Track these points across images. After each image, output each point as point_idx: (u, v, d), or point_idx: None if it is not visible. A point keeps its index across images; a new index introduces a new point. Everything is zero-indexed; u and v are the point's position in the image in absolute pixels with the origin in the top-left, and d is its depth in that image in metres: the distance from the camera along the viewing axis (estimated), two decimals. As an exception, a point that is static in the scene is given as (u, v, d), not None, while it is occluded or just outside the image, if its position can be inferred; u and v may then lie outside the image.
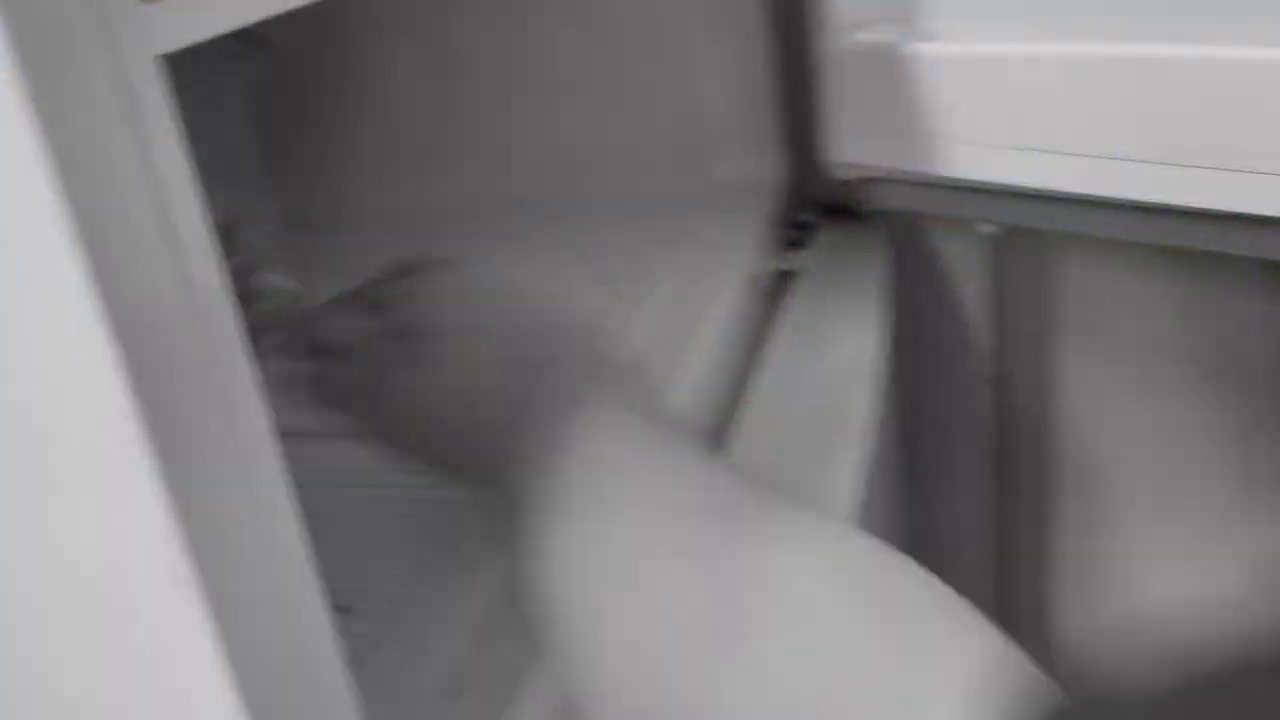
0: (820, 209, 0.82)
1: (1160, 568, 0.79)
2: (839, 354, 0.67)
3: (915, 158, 0.70)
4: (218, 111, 0.68)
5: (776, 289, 0.75)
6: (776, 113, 0.82)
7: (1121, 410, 0.77)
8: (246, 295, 0.69)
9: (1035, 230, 0.72)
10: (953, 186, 0.70)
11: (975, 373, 0.82)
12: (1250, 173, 0.57)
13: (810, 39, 0.77)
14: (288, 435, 0.25)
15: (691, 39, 0.80)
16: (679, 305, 0.67)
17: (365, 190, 0.92)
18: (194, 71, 0.68)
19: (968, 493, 0.86)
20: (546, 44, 0.83)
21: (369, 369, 0.43)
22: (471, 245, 0.78)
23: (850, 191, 0.79)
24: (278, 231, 0.79)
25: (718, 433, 0.59)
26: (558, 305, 0.44)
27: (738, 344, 0.68)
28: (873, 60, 0.71)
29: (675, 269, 0.72)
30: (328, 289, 0.47)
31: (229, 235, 0.69)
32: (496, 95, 0.86)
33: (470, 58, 0.85)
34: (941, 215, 0.77)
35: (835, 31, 0.74)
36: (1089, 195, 0.64)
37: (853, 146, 0.74)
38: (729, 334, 0.67)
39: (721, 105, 0.82)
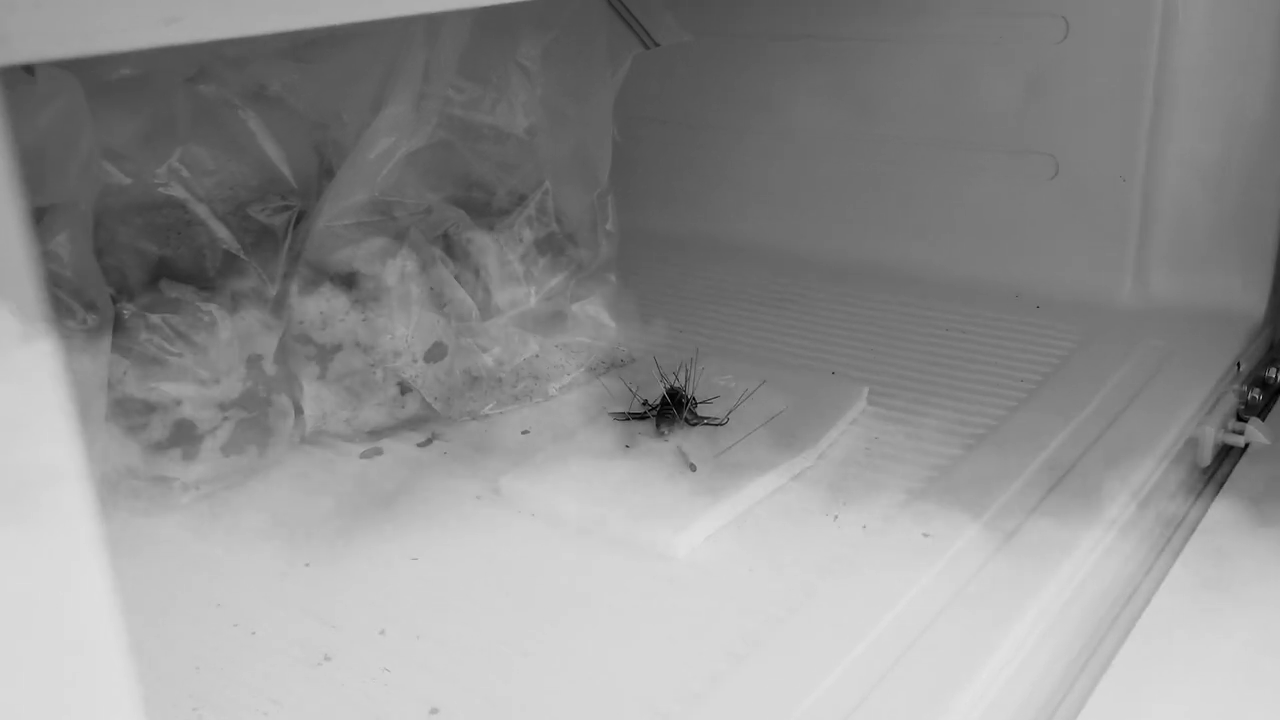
0: (1293, 367, 0.62)
1: None
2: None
3: None
4: (583, 107, 0.60)
5: (1215, 464, 0.56)
6: (1271, 226, 0.62)
7: None
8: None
9: None
10: None
11: None
12: None
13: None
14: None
15: (1173, 108, 0.63)
16: (1082, 463, 0.50)
17: (721, 217, 0.82)
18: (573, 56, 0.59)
19: None
20: (984, 99, 0.68)
21: None
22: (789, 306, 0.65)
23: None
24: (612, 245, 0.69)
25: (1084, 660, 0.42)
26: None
27: (1152, 531, 0.50)
28: None
29: (1074, 398, 0.55)
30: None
31: (563, 246, 0.60)
32: (908, 147, 0.72)
33: (884, 103, 0.72)
34: None
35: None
36: None
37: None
38: (1147, 518, 0.49)
39: (1192, 203, 0.64)
